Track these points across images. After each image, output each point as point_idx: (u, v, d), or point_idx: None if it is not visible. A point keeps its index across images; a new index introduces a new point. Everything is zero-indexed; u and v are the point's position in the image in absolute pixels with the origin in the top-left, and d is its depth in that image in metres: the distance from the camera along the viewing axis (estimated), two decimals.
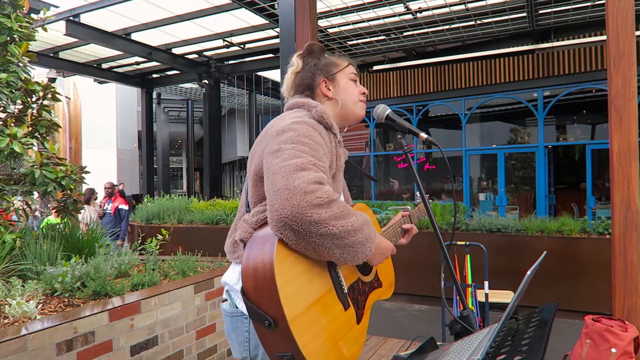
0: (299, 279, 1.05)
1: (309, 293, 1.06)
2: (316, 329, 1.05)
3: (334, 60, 1.43)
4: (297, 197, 0.98)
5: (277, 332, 1.00)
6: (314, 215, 0.98)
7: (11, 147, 3.06)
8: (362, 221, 1.09)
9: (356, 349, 1.19)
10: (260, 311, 1.01)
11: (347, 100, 1.40)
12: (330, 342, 1.09)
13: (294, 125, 1.17)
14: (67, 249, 3.31)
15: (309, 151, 1.10)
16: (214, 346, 3.06)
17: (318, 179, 1.03)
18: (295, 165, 1.04)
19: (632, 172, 2.73)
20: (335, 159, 1.29)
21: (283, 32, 3.95)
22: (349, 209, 1.06)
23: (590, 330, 2.71)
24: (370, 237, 1.10)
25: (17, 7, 3.41)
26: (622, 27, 2.76)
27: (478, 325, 1.29)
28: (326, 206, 1.00)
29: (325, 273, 1.14)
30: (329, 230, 1.00)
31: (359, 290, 1.28)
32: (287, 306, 0.98)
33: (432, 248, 5.66)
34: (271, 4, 7.29)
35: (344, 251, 1.05)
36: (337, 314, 1.14)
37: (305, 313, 1.02)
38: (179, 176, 27.84)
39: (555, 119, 10.39)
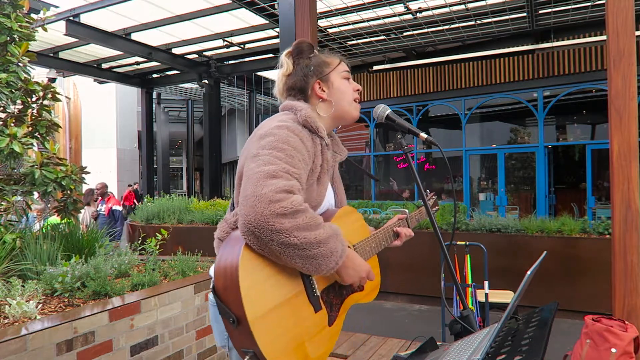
0: (265, 282, 1.08)
1: (273, 296, 1.09)
2: (279, 330, 1.08)
3: (325, 59, 1.40)
4: (262, 204, 1.01)
5: (241, 330, 1.04)
6: (276, 224, 1.01)
7: (11, 147, 3.06)
8: (329, 235, 1.10)
9: (324, 351, 1.22)
10: (227, 309, 1.05)
11: (342, 101, 1.39)
12: (295, 343, 1.12)
13: (275, 130, 1.19)
14: (67, 249, 3.31)
15: (284, 158, 1.12)
16: (214, 346, 3.05)
17: (287, 187, 1.05)
18: (266, 172, 1.07)
19: (632, 172, 2.74)
20: (322, 162, 1.30)
21: (283, 32, 3.95)
22: (316, 221, 1.08)
23: (590, 330, 2.71)
24: (335, 251, 1.10)
25: (17, 7, 3.41)
26: (622, 27, 2.76)
27: (478, 325, 1.29)
28: (290, 216, 1.03)
29: (297, 276, 1.16)
30: (290, 241, 1.03)
31: (335, 293, 1.29)
32: (249, 308, 1.02)
33: (432, 248, 5.66)
34: (271, 4, 7.29)
35: (305, 262, 1.07)
36: (306, 316, 1.16)
37: (268, 314, 1.06)
38: (179, 176, 27.84)
39: (555, 119, 10.39)
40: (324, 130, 1.31)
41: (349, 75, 1.43)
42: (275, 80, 1.48)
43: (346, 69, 1.42)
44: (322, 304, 1.22)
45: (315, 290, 1.20)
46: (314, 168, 1.26)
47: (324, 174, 1.31)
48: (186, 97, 17.98)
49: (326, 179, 1.33)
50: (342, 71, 1.41)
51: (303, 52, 1.41)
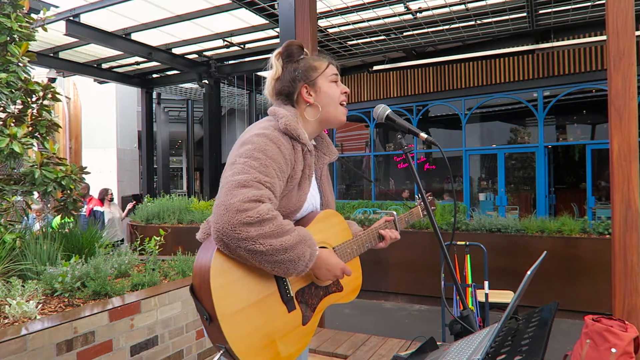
0: (235, 283, 1.14)
1: (244, 296, 1.15)
2: (249, 328, 1.14)
3: (312, 63, 1.41)
4: (229, 214, 1.08)
5: (213, 326, 1.11)
6: (242, 233, 1.07)
7: (11, 147, 3.06)
8: (296, 241, 1.14)
9: (297, 349, 1.26)
10: (201, 306, 1.12)
11: (329, 106, 1.40)
12: (265, 341, 1.18)
13: (254, 137, 1.24)
14: (67, 249, 3.32)
15: (258, 167, 1.17)
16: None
17: (256, 197, 1.11)
18: (238, 182, 1.12)
19: (632, 172, 2.74)
20: (303, 167, 1.33)
21: (283, 32, 3.95)
22: (283, 229, 1.13)
23: (590, 330, 2.71)
24: (303, 256, 1.15)
25: (17, 7, 3.41)
26: (622, 27, 2.76)
27: (478, 325, 1.29)
28: (256, 225, 1.08)
29: (270, 278, 1.21)
30: (256, 248, 1.08)
31: (311, 294, 1.32)
32: (219, 306, 1.09)
33: (432, 248, 5.66)
34: (271, 4, 7.29)
35: (274, 266, 1.13)
36: (278, 315, 1.22)
37: (239, 313, 1.12)
38: (179, 176, 27.84)
39: (555, 119, 10.39)
40: (305, 136, 1.34)
41: (337, 78, 1.44)
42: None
43: (334, 72, 1.43)
44: (297, 304, 1.27)
45: (288, 291, 1.25)
46: (293, 174, 1.30)
47: (305, 179, 1.34)
48: (186, 97, 17.97)
49: (307, 183, 1.36)
50: (330, 75, 1.41)
51: (292, 55, 1.42)
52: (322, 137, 1.51)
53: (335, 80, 1.43)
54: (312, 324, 1.31)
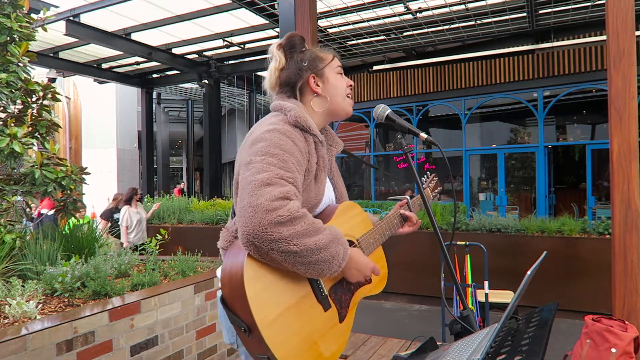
0: (270, 288, 1.09)
1: (282, 299, 1.10)
2: (290, 333, 1.09)
3: (318, 54, 1.39)
4: (259, 215, 1.02)
5: (253, 337, 1.05)
6: (274, 234, 1.01)
7: (11, 147, 3.06)
8: (329, 239, 1.09)
9: (337, 347, 1.23)
10: (237, 317, 1.07)
11: (337, 96, 1.38)
12: (307, 344, 1.14)
13: (266, 134, 1.18)
14: (67, 249, 3.31)
15: (277, 163, 1.11)
16: (214, 346, 3.06)
17: (283, 194, 1.05)
18: (260, 181, 1.06)
19: (632, 172, 2.73)
20: (317, 160, 1.29)
21: (283, 32, 3.95)
22: (315, 227, 1.08)
23: (590, 330, 2.71)
24: (337, 256, 1.11)
25: (17, 7, 3.41)
26: (622, 27, 2.76)
27: (478, 325, 1.29)
28: (288, 224, 1.03)
29: (303, 279, 1.17)
30: (290, 249, 1.03)
31: (343, 289, 1.29)
32: (258, 315, 1.03)
33: (432, 248, 5.66)
34: (271, 4, 7.29)
35: (308, 268, 1.07)
36: (316, 315, 1.18)
37: (278, 319, 1.07)
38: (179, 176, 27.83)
39: (555, 119, 10.39)
40: (316, 128, 1.31)
41: (342, 70, 1.43)
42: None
43: (339, 64, 1.42)
44: (332, 302, 1.23)
45: (322, 290, 1.21)
46: (309, 167, 1.25)
47: (320, 171, 1.30)
48: (186, 97, 17.97)
49: (323, 175, 1.32)
50: (336, 66, 1.40)
51: (295, 46, 1.39)
52: (326, 129, 1.48)
53: (341, 73, 1.41)
54: (348, 320, 1.28)
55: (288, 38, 1.39)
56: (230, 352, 3.22)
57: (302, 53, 1.38)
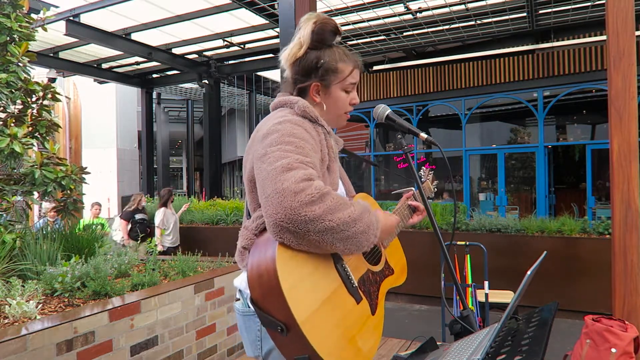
0: (305, 280, 1.04)
1: (317, 293, 1.05)
2: (329, 328, 1.04)
3: (337, 65, 1.31)
4: (288, 199, 0.98)
5: (291, 336, 0.99)
6: (308, 214, 0.98)
7: (11, 147, 3.06)
8: (360, 210, 1.08)
9: (374, 341, 1.19)
10: (271, 317, 1.01)
11: (333, 112, 1.36)
12: (346, 338, 1.09)
13: (277, 126, 1.16)
14: (67, 249, 3.31)
15: (294, 150, 1.09)
16: (214, 346, 3.06)
17: (306, 176, 1.02)
18: (281, 166, 1.03)
19: (632, 172, 2.73)
20: (328, 150, 1.29)
21: (283, 32, 3.95)
22: (344, 200, 1.05)
23: (590, 330, 2.71)
24: (372, 224, 1.09)
25: (17, 7, 3.41)
26: (622, 27, 2.76)
27: (478, 325, 1.29)
28: (319, 201, 1.00)
29: (332, 270, 1.13)
30: (326, 225, 0.99)
31: (370, 281, 1.27)
32: (296, 310, 0.98)
33: (432, 248, 5.66)
34: (271, 4, 7.29)
35: (346, 243, 1.04)
36: (350, 309, 1.14)
37: (316, 313, 1.02)
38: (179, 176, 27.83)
39: (555, 119, 10.38)
40: (322, 119, 1.31)
41: (353, 87, 1.36)
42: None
43: (354, 80, 1.35)
44: (362, 294, 1.20)
45: (353, 282, 1.18)
46: (322, 157, 1.24)
47: (332, 161, 1.30)
48: (186, 97, 17.97)
49: (335, 166, 1.32)
50: (348, 83, 1.34)
51: (324, 40, 1.31)
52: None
53: (349, 90, 1.36)
54: (379, 312, 1.25)
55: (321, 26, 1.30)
56: (230, 352, 3.22)
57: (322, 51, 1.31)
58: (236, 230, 1.28)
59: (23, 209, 3.86)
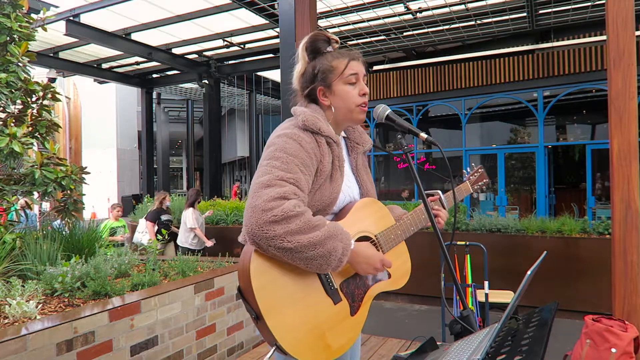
0: (276, 281, 1.17)
1: (287, 292, 1.18)
2: (296, 324, 1.17)
3: (331, 63, 1.37)
4: (256, 215, 1.11)
5: (261, 325, 1.15)
6: (269, 232, 1.10)
7: (11, 147, 3.06)
8: (325, 236, 1.15)
9: (347, 340, 1.27)
10: (249, 306, 1.16)
11: (342, 108, 1.39)
12: (314, 335, 1.20)
13: (275, 139, 1.28)
14: (67, 249, 3.31)
15: (279, 165, 1.19)
16: (214, 346, 3.06)
17: (280, 194, 1.13)
18: (261, 183, 1.16)
19: (632, 172, 2.73)
20: (332, 160, 1.33)
21: (283, 32, 3.94)
22: (310, 225, 1.14)
23: (590, 330, 2.71)
24: (334, 251, 1.16)
25: (17, 7, 3.41)
26: (622, 27, 2.76)
27: (478, 325, 1.29)
28: (282, 222, 1.10)
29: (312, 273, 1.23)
30: (285, 245, 1.10)
31: (356, 284, 1.34)
32: (262, 305, 1.13)
33: (432, 248, 5.66)
34: (271, 4, 7.29)
35: (306, 263, 1.14)
36: (324, 308, 1.23)
37: (283, 310, 1.15)
38: (179, 176, 27.83)
39: (555, 119, 10.38)
40: (328, 129, 1.34)
41: (357, 78, 1.39)
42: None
43: (353, 71, 1.38)
44: (342, 296, 1.28)
45: (332, 284, 1.26)
46: (322, 168, 1.30)
47: (335, 170, 1.35)
48: (186, 97, 17.97)
49: (338, 175, 1.36)
50: (347, 75, 1.37)
51: (318, 50, 1.41)
52: (354, 128, 1.53)
53: (353, 82, 1.38)
54: (361, 313, 1.33)
55: (312, 40, 1.41)
56: (230, 352, 3.22)
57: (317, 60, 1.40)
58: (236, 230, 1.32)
59: (23, 209, 3.85)
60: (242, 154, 18.83)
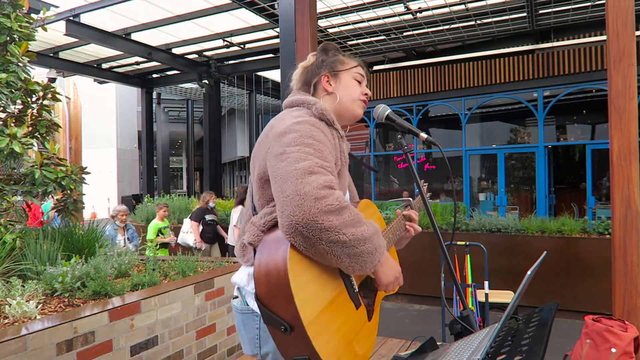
0: (313, 282, 1.05)
1: (322, 296, 1.06)
2: (331, 331, 1.05)
3: (342, 58, 1.42)
4: (308, 203, 0.98)
5: (294, 336, 1.00)
6: (325, 222, 0.98)
7: (11, 147, 3.05)
8: (373, 231, 1.08)
9: (368, 346, 1.22)
10: (276, 316, 1.01)
11: (346, 97, 1.37)
12: (344, 343, 1.10)
13: (295, 126, 1.14)
14: (67, 249, 3.31)
15: (314, 152, 1.08)
16: (214, 346, 3.05)
17: (328, 183, 1.02)
18: (302, 169, 1.02)
19: (632, 172, 2.73)
20: (340, 155, 1.29)
21: (283, 32, 3.94)
22: (359, 217, 1.06)
23: (590, 330, 2.71)
24: (379, 248, 1.09)
25: (17, 7, 3.41)
26: (622, 27, 2.76)
27: (478, 325, 1.29)
28: (337, 213, 1.00)
29: (336, 274, 1.14)
30: (339, 238, 1.00)
31: (369, 287, 1.30)
32: (303, 311, 0.98)
33: (432, 248, 5.66)
34: (271, 4, 7.29)
35: (352, 260, 1.04)
36: (350, 313, 1.15)
37: (320, 316, 1.03)
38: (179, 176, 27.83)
39: (555, 119, 10.38)
40: (338, 123, 1.32)
41: (362, 79, 1.42)
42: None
43: (361, 72, 1.42)
44: (361, 300, 1.22)
45: (354, 287, 1.19)
46: (335, 161, 1.23)
47: (343, 166, 1.30)
48: (186, 97, 17.97)
49: (346, 171, 1.33)
50: (355, 73, 1.41)
51: (327, 51, 1.44)
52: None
53: (360, 81, 1.42)
54: (375, 318, 1.28)
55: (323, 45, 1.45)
56: (230, 352, 3.22)
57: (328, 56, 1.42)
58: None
59: (23, 209, 3.85)
60: (242, 154, 18.82)
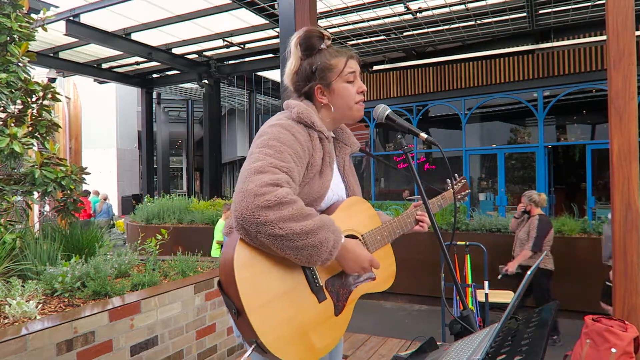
0: (261, 275, 1.13)
1: (272, 287, 1.14)
2: (279, 320, 1.12)
3: (329, 61, 1.36)
4: (248, 199, 1.07)
5: (241, 320, 1.10)
6: (261, 217, 1.06)
7: (11, 147, 3.05)
8: (318, 225, 1.12)
9: (330, 340, 1.24)
10: (230, 300, 1.12)
11: (342, 106, 1.39)
12: (298, 333, 1.16)
13: (267, 128, 1.26)
14: (67, 249, 3.31)
15: (272, 154, 1.17)
16: (214, 346, 3.06)
17: (273, 181, 1.10)
18: (254, 168, 1.12)
19: (632, 172, 2.73)
20: (323, 155, 1.33)
21: (283, 32, 3.94)
22: (303, 213, 1.11)
23: (590, 330, 2.71)
24: (325, 242, 1.13)
25: (17, 7, 3.41)
26: (622, 27, 2.76)
27: (478, 325, 1.29)
28: (275, 208, 1.07)
29: (298, 268, 1.20)
30: (276, 232, 1.07)
31: (342, 283, 1.31)
32: (245, 299, 1.08)
33: (432, 248, 5.66)
34: (271, 4, 7.29)
35: (296, 253, 1.10)
36: (309, 306, 1.20)
37: (267, 305, 1.11)
38: (179, 176, 27.83)
39: (555, 119, 10.38)
40: (321, 124, 1.34)
41: (354, 76, 1.40)
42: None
43: (351, 69, 1.39)
44: (327, 294, 1.25)
45: (317, 281, 1.23)
46: (313, 162, 1.29)
47: (326, 166, 1.34)
48: (186, 97, 17.97)
49: (328, 171, 1.35)
50: (347, 74, 1.38)
51: (313, 47, 1.38)
52: (343, 129, 1.54)
53: (352, 80, 1.39)
54: (345, 314, 1.30)
55: (305, 37, 1.38)
56: (230, 352, 3.22)
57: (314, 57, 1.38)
58: None
59: (23, 209, 3.85)
60: (242, 154, 18.82)
